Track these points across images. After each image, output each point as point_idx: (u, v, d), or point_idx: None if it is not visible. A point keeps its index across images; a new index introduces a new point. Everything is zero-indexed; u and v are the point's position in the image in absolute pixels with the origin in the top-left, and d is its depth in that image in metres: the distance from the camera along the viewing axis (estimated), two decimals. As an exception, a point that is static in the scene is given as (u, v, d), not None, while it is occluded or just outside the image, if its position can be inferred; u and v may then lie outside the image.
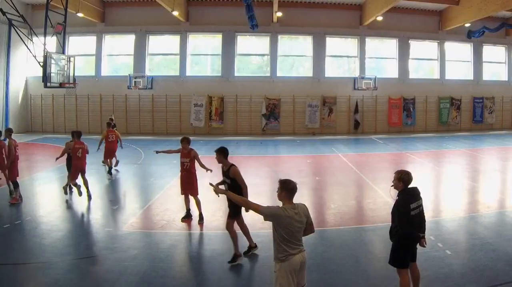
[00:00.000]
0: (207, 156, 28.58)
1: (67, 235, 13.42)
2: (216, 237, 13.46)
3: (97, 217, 15.40)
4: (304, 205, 7.85)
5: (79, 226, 14.51)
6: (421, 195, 8.84)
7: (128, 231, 13.85)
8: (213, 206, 16.68)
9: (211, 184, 8.97)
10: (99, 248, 12.46)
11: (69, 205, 17.21)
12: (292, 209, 7.49)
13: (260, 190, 18.35)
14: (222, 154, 11.74)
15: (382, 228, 13.21)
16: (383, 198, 17.45)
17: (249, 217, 11.67)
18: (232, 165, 11.54)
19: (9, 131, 18.07)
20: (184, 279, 10.65)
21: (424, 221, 8.86)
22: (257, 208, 7.56)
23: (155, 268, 10.96)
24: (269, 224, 7.59)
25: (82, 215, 15.89)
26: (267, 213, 7.47)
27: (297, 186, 7.77)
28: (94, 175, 23.15)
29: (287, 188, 7.62)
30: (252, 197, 17.98)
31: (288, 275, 7.36)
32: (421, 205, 8.71)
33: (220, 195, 8.68)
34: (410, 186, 8.77)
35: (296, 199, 7.71)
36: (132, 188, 21.18)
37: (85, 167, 17.94)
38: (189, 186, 15.01)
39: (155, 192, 19.24)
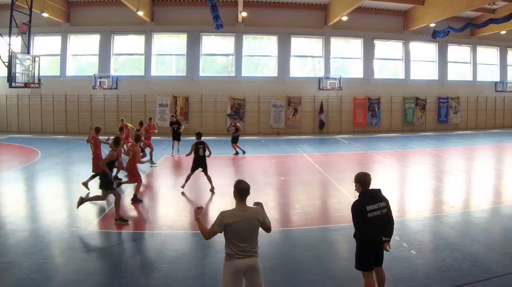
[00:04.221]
0: (172, 156, 28.58)
1: (32, 235, 13.19)
2: (182, 237, 13.40)
3: (62, 217, 15.20)
4: (260, 209, 7.78)
5: (44, 226, 14.24)
6: (386, 197, 8.59)
7: (93, 231, 13.72)
8: (178, 206, 16.64)
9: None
10: (64, 248, 12.26)
11: (34, 205, 17.02)
12: (241, 211, 7.47)
13: (225, 190, 18.19)
14: None
15: (347, 228, 13.18)
16: (348, 198, 17.42)
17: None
18: None
19: None
20: (150, 279, 10.53)
21: (390, 223, 8.56)
22: (211, 231, 7.52)
23: (121, 268, 10.90)
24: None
25: (47, 215, 15.62)
26: (217, 229, 7.44)
27: (264, 185, 7.73)
28: (59, 175, 23.02)
29: (236, 188, 7.58)
30: (217, 197, 17.97)
31: (231, 275, 7.35)
32: (384, 208, 8.40)
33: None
34: (373, 187, 8.57)
35: (262, 199, 7.65)
36: (97, 188, 20.82)
37: None
38: None
39: (120, 191, 19.05)
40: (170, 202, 17.76)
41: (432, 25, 42.49)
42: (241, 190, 7.55)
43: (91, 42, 43.13)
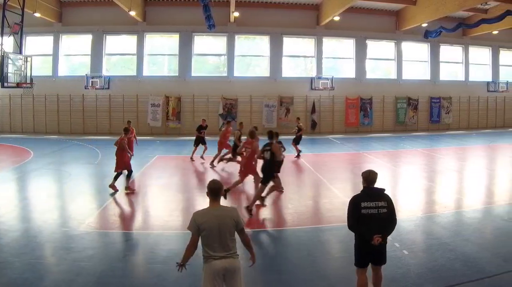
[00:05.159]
0: (164, 156, 28.48)
1: (24, 235, 13.13)
2: (173, 237, 13.32)
3: (54, 217, 15.15)
4: (235, 209, 7.75)
5: (36, 226, 14.16)
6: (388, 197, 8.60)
7: (85, 231, 13.60)
8: (171, 206, 16.59)
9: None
10: (56, 248, 12.21)
11: (26, 205, 16.99)
12: (213, 210, 7.40)
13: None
14: None
15: (338, 228, 13.22)
16: (339, 198, 17.44)
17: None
18: None
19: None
20: (141, 279, 10.52)
21: (387, 224, 8.43)
22: (192, 239, 7.48)
23: (112, 268, 10.80)
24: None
25: (39, 215, 15.54)
26: (195, 233, 7.36)
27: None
28: (51, 175, 22.94)
29: (208, 188, 7.52)
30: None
31: (209, 277, 7.30)
32: (383, 207, 8.38)
33: None
34: (377, 186, 8.60)
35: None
36: (88, 188, 20.79)
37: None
38: None
39: (112, 191, 18.99)
40: (162, 201, 17.73)
41: (424, 25, 42.60)
42: (212, 189, 7.48)
43: (83, 42, 43.02)
